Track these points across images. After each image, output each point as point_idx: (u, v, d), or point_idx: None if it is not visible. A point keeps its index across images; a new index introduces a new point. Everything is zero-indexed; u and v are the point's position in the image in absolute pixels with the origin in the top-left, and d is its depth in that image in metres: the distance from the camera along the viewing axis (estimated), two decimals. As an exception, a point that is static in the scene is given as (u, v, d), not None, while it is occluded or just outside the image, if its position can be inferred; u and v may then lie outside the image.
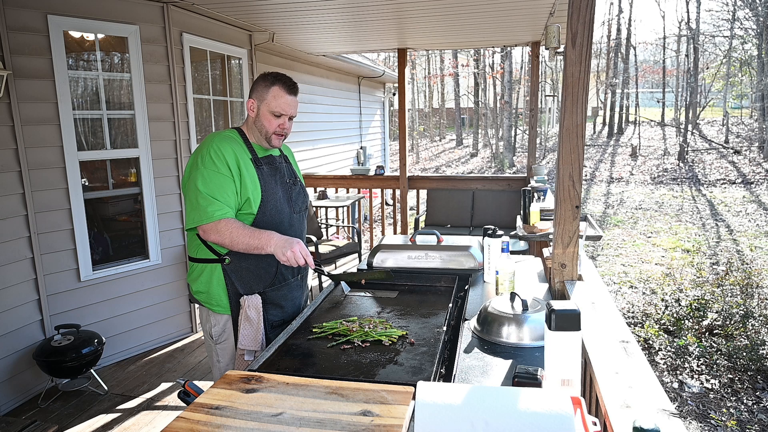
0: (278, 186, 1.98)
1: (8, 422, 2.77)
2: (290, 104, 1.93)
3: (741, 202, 11.95)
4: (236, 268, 1.93)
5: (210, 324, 2.02)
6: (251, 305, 1.92)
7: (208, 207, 1.81)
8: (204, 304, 2.00)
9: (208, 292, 1.97)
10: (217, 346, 2.01)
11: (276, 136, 1.96)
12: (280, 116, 1.92)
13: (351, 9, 4.22)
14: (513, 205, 5.58)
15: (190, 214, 1.86)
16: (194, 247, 1.97)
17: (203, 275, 1.96)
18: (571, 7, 1.84)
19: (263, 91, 1.91)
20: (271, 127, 1.93)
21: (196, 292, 2.00)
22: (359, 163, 9.45)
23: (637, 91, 26.24)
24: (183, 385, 1.36)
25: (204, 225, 1.83)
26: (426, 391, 1.06)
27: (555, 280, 2.05)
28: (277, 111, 1.91)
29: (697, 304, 4.99)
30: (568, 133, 1.91)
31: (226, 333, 2.00)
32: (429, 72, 28.25)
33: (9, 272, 3.17)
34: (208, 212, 1.81)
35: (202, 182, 1.82)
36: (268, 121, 1.92)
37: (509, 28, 5.10)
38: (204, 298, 1.99)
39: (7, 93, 3.07)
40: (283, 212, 1.98)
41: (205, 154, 1.85)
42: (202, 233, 1.86)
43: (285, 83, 1.91)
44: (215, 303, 1.97)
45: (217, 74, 4.70)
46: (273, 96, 1.90)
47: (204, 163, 1.84)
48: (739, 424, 3.55)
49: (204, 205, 1.81)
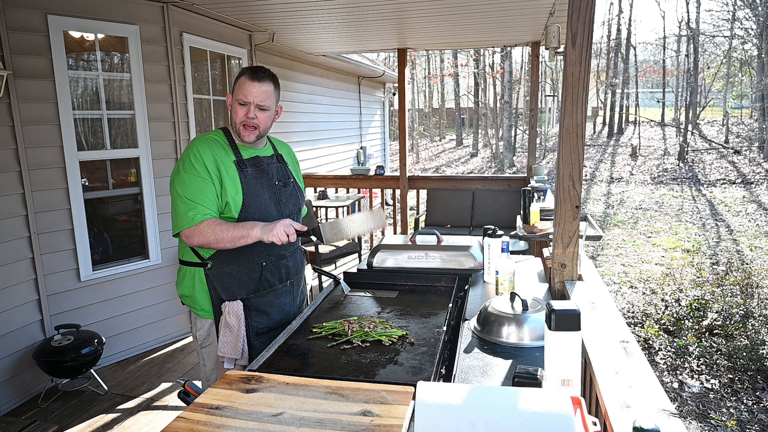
0: (264, 188, 1.92)
1: (8, 422, 2.77)
2: (254, 91, 1.83)
3: (741, 202, 11.95)
4: (218, 273, 1.89)
5: (196, 327, 2.00)
6: (231, 312, 1.87)
7: (189, 212, 1.78)
8: (190, 307, 1.99)
9: (192, 296, 1.94)
10: (203, 350, 2.00)
11: (245, 129, 1.87)
12: (246, 104, 1.84)
13: (351, 9, 4.22)
14: (513, 205, 5.58)
15: (173, 221, 1.84)
16: (181, 249, 1.96)
17: (186, 279, 1.94)
18: (571, 7, 1.84)
19: (235, 84, 1.89)
20: (238, 117, 1.86)
21: (182, 295, 1.98)
22: (359, 163, 9.45)
23: (637, 91, 26.25)
24: (183, 385, 1.36)
25: (186, 230, 1.80)
26: (426, 391, 1.06)
27: (555, 280, 2.05)
28: (241, 99, 1.84)
29: (697, 304, 4.99)
30: (568, 133, 1.91)
31: (211, 337, 1.98)
32: (429, 72, 28.25)
33: (9, 272, 3.17)
34: (188, 217, 1.78)
35: (181, 187, 1.80)
36: (235, 113, 1.87)
37: (509, 28, 5.10)
38: (189, 302, 1.97)
39: (7, 93, 3.07)
40: (270, 215, 1.92)
41: (185, 158, 1.83)
42: (186, 239, 1.82)
43: (252, 71, 1.86)
44: (199, 307, 1.95)
45: (217, 74, 4.70)
46: (239, 85, 1.86)
47: (185, 168, 1.82)
48: (739, 424, 3.55)
49: (184, 210, 1.79)
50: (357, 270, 2.31)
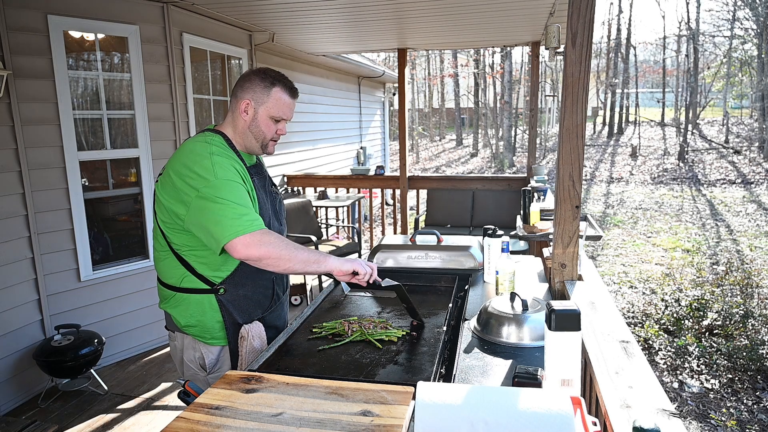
0: (267, 197, 1.79)
1: (8, 422, 2.77)
2: (291, 108, 1.76)
3: (741, 202, 11.95)
4: (233, 298, 1.71)
5: (198, 354, 1.78)
6: (255, 335, 1.71)
7: (243, 216, 1.54)
8: (195, 337, 1.76)
9: (200, 325, 1.73)
10: (210, 376, 1.78)
11: (272, 142, 1.77)
12: (279, 121, 1.74)
13: (351, 9, 4.22)
14: (513, 205, 5.58)
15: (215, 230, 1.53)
16: (177, 275, 1.71)
17: (191, 308, 1.72)
18: (571, 7, 1.84)
19: (262, 93, 1.70)
20: (270, 132, 1.74)
21: (185, 326, 1.74)
22: (359, 163, 9.45)
23: (637, 91, 26.26)
24: (183, 385, 1.36)
25: (244, 237, 1.51)
26: (426, 391, 1.06)
27: (555, 280, 2.05)
28: (278, 116, 1.72)
29: (697, 304, 4.99)
30: (568, 133, 1.91)
31: (221, 362, 1.78)
32: (429, 72, 28.26)
33: (9, 272, 3.17)
34: (243, 222, 1.52)
35: (221, 191, 1.55)
36: (267, 126, 1.72)
37: (509, 28, 5.10)
38: (196, 332, 1.75)
39: (7, 93, 3.07)
40: (274, 226, 1.77)
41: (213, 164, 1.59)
42: (237, 250, 1.52)
43: (286, 85, 1.74)
44: (210, 336, 1.75)
45: (217, 74, 4.70)
46: (275, 99, 1.71)
47: (216, 175, 1.57)
48: (739, 424, 3.55)
49: (236, 214, 1.53)
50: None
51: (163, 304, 1.79)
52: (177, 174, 1.60)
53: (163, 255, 1.73)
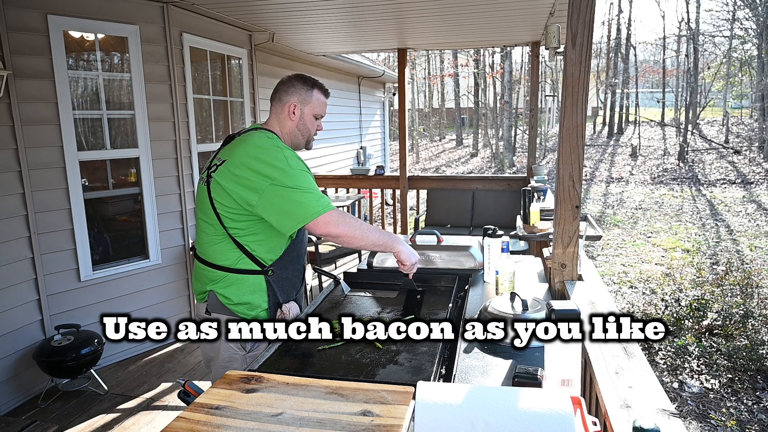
0: None
1: (8, 422, 2.77)
2: (326, 106, 2.03)
3: (741, 202, 11.95)
4: (278, 279, 1.90)
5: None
6: (293, 313, 1.93)
7: (321, 199, 1.74)
8: (242, 315, 1.90)
9: (250, 302, 1.89)
10: (249, 354, 1.93)
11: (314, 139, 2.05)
12: (318, 118, 2.01)
13: (351, 9, 4.22)
14: (513, 205, 5.58)
15: (298, 211, 1.72)
16: (233, 257, 1.87)
17: (244, 287, 1.88)
18: (571, 7, 1.85)
19: (306, 94, 1.94)
20: (313, 129, 2.00)
21: (237, 303, 1.88)
22: (359, 163, 9.45)
23: (637, 91, 26.25)
24: (183, 385, 1.36)
25: (326, 215, 1.72)
26: (426, 391, 1.06)
27: (555, 280, 2.05)
28: (319, 113, 1.99)
29: (697, 304, 4.99)
30: (568, 133, 1.91)
31: None
32: (429, 72, 28.25)
33: (9, 272, 3.17)
34: (323, 203, 1.73)
35: (297, 180, 1.74)
36: (311, 124, 1.98)
37: (509, 28, 5.10)
38: (244, 309, 1.90)
39: (7, 93, 3.07)
40: None
41: (286, 156, 1.78)
42: (321, 226, 1.72)
43: (322, 87, 2.01)
44: (254, 314, 1.91)
45: (217, 74, 4.70)
46: (316, 99, 1.96)
47: (291, 165, 1.76)
48: (739, 424, 3.55)
49: (314, 198, 1.73)
50: (357, 270, 2.31)
51: (212, 284, 1.91)
52: (246, 165, 1.76)
53: (218, 239, 1.87)
